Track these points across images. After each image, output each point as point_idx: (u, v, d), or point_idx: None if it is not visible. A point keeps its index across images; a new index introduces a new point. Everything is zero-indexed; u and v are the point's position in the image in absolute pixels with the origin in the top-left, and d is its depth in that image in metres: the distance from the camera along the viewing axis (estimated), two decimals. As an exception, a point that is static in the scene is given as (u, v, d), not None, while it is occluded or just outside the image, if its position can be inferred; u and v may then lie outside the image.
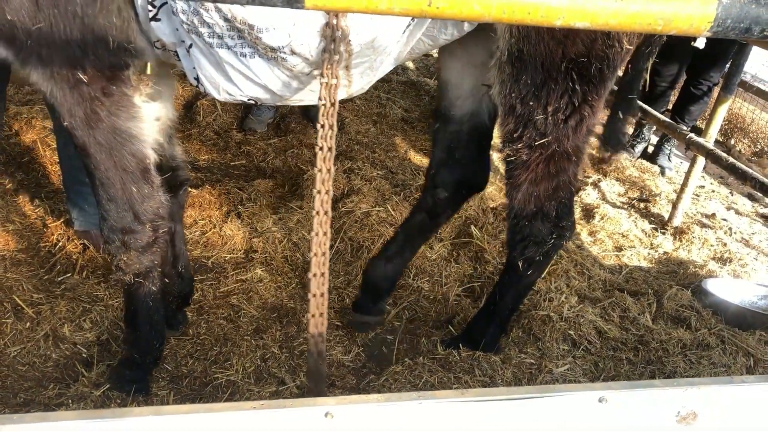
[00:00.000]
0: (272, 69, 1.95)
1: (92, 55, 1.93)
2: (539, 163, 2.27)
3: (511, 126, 2.23)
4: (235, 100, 2.12)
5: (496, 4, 1.04)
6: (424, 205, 2.88)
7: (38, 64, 1.94)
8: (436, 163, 2.77)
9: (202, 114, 4.84)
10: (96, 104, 2.02)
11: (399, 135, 5.32)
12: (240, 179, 4.21)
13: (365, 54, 1.93)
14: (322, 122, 1.80)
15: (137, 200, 2.22)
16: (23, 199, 3.62)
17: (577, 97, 2.12)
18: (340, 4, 1.02)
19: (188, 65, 2.06)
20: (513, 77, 2.11)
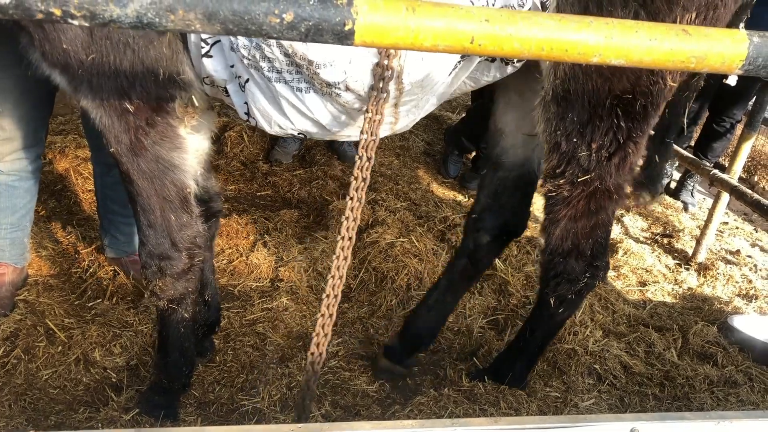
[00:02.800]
0: (325, 104, 2.01)
1: (140, 87, 2.01)
2: (580, 200, 2.28)
3: (554, 162, 2.24)
4: (285, 133, 2.17)
5: (535, 42, 1.09)
6: (465, 250, 2.86)
7: (88, 92, 2.02)
8: (480, 208, 2.77)
9: (230, 145, 4.94)
10: (141, 133, 2.09)
11: (421, 167, 5.39)
12: (266, 209, 4.28)
13: (414, 92, 1.98)
14: (361, 154, 1.85)
15: (175, 228, 2.28)
16: (56, 226, 3.70)
17: (621, 134, 2.14)
18: (388, 41, 1.07)
19: (239, 100, 2.11)
20: (558, 115, 2.14)
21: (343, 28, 1.04)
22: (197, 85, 2.12)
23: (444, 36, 1.07)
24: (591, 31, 1.09)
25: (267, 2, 1.00)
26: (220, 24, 1.01)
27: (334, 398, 2.77)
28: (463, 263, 2.88)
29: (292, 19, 1.02)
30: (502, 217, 2.73)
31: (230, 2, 1.00)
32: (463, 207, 4.69)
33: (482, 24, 1.07)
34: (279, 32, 1.03)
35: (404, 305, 3.46)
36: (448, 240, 4.03)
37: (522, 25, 1.08)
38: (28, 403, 2.53)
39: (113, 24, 0.99)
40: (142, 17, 0.99)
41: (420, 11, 1.05)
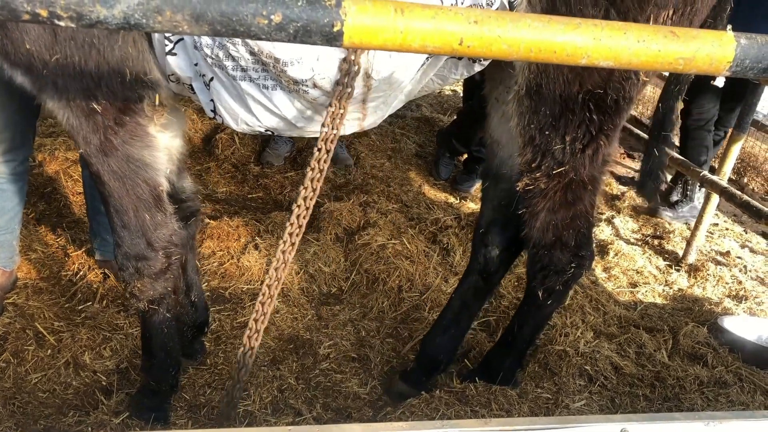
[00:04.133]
0: (293, 101, 2.01)
1: (106, 87, 1.98)
2: (557, 191, 2.31)
3: (529, 156, 2.27)
4: (252, 130, 2.17)
5: (524, 44, 1.09)
6: (475, 267, 2.81)
7: (54, 93, 1.99)
8: (487, 222, 2.74)
9: (221, 147, 4.92)
10: (110, 133, 2.07)
11: (413, 169, 5.38)
12: (257, 211, 4.26)
13: (381, 89, 1.99)
14: (320, 146, 1.85)
15: (150, 227, 2.26)
16: (45, 229, 3.68)
17: (594, 127, 2.17)
18: (376, 42, 1.07)
19: (205, 98, 2.11)
20: (531, 109, 2.17)
21: (332, 29, 1.04)
22: (164, 84, 2.10)
23: (432, 37, 1.07)
24: (579, 33, 1.10)
25: (255, 3, 1.00)
26: (208, 25, 1.01)
27: (325, 401, 2.77)
28: (475, 280, 2.83)
29: (280, 20, 1.02)
30: (509, 229, 2.69)
31: (218, 3, 0.99)
32: (454, 209, 4.69)
33: (471, 26, 1.07)
34: (267, 33, 1.03)
35: (396, 307, 3.46)
36: (439, 242, 4.03)
37: (510, 27, 1.08)
38: (17, 407, 2.51)
39: (100, 25, 0.99)
40: (129, 18, 0.98)
41: (408, 13, 1.05)
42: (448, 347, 2.91)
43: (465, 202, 4.94)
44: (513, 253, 2.81)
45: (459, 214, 4.45)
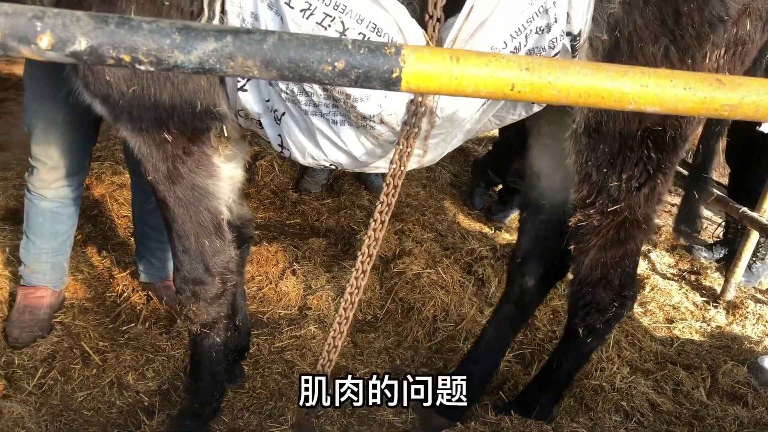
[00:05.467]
0: (359, 137, 2.06)
1: (177, 118, 2.08)
2: (610, 229, 2.32)
3: (584, 192, 2.29)
4: (318, 164, 2.23)
5: (573, 90, 1.14)
6: (511, 296, 2.83)
7: (128, 122, 2.10)
8: (523, 253, 2.76)
9: (261, 174, 5.03)
10: (178, 162, 2.17)
11: (448, 199, 5.43)
12: (295, 237, 4.34)
13: (444, 127, 2.03)
14: (389, 181, 1.90)
15: (209, 253, 2.34)
16: (91, 251, 3.80)
17: (651, 165, 2.19)
18: (432, 88, 1.13)
19: (273, 133, 2.17)
20: (589, 147, 2.20)
21: (391, 75, 1.10)
22: (231, 117, 2.18)
23: (486, 83, 1.12)
24: (627, 80, 1.14)
25: (321, 51, 1.07)
26: (277, 70, 1.08)
27: (360, 428, 2.80)
28: (509, 309, 2.84)
29: (343, 67, 1.08)
30: (546, 260, 2.71)
31: (287, 51, 1.06)
32: (489, 239, 4.71)
33: (522, 72, 1.12)
34: (330, 79, 1.10)
35: (430, 336, 3.48)
36: (474, 272, 4.05)
37: (560, 74, 1.13)
38: (64, 423, 2.59)
39: (177, 69, 1.06)
40: (204, 63, 1.06)
41: (464, 60, 1.11)
42: (482, 377, 2.92)
43: (500, 233, 4.96)
44: (549, 283, 2.83)
45: (494, 245, 4.47)
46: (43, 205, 3.00)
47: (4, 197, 4.06)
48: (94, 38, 1.00)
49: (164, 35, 1.02)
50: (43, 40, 0.98)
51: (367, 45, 1.09)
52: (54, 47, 0.99)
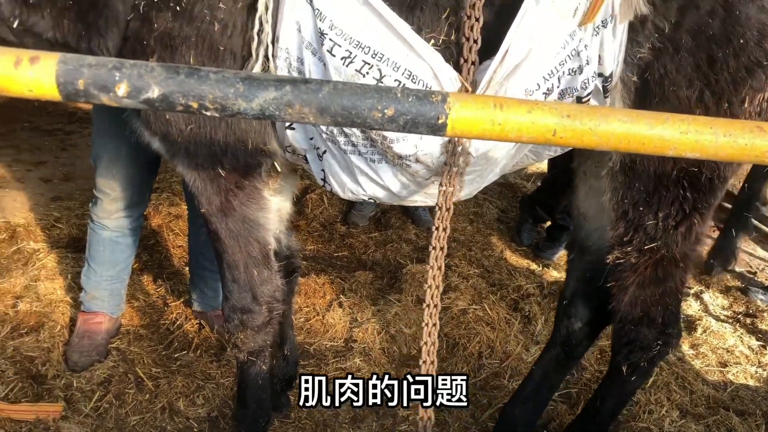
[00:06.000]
0: (396, 174, 2.14)
1: (231, 154, 2.20)
2: (647, 267, 2.32)
3: (621, 230, 2.30)
4: (357, 198, 2.32)
5: (614, 136, 1.18)
6: (558, 339, 2.83)
7: (185, 157, 2.24)
8: (571, 294, 2.76)
9: (311, 207, 5.15)
10: (230, 195, 2.28)
11: (495, 234, 5.43)
12: (342, 270, 4.41)
13: (479, 164, 2.09)
14: (437, 225, 1.96)
15: (257, 283, 2.44)
16: (148, 279, 3.95)
17: (687, 205, 2.19)
18: (476, 133, 1.19)
19: (316, 168, 2.29)
20: (625, 185, 2.22)
21: (437, 121, 1.17)
22: (280, 153, 2.30)
23: (528, 129, 1.18)
24: (666, 127, 1.18)
25: (372, 99, 1.14)
26: (330, 117, 1.16)
27: None
28: (557, 353, 2.83)
29: (392, 113, 1.15)
30: (594, 302, 2.69)
31: (340, 99, 1.14)
32: (536, 276, 4.69)
33: (564, 119, 1.17)
34: (380, 124, 1.17)
35: (475, 373, 3.48)
36: (521, 309, 4.04)
37: (601, 121, 1.17)
38: (117, 446, 2.69)
39: (239, 115, 1.15)
40: (265, 110, 1.14)
41: (507, 108, 1.17)
42: (527, 418, 2.90)
43: (547, 270, 4.93)
44: (597, 326, 2.80)
45: (541, 282, 4.45)
46: (104, 235, 3.16)
47: (67, 226, 4.27)
48: (165, 87, 1.10)
49: (229, 84, 1.11)
50: (120, 88, 1.08)
51: (415, 93, 1.15)
52: (129, 95, 1.09)
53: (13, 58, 1.04)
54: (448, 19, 1.91)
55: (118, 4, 2.09)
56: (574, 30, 1.89)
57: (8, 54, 1.04)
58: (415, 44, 1.86)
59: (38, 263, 3.82)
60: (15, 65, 1.04)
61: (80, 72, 1.06)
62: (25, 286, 3.62)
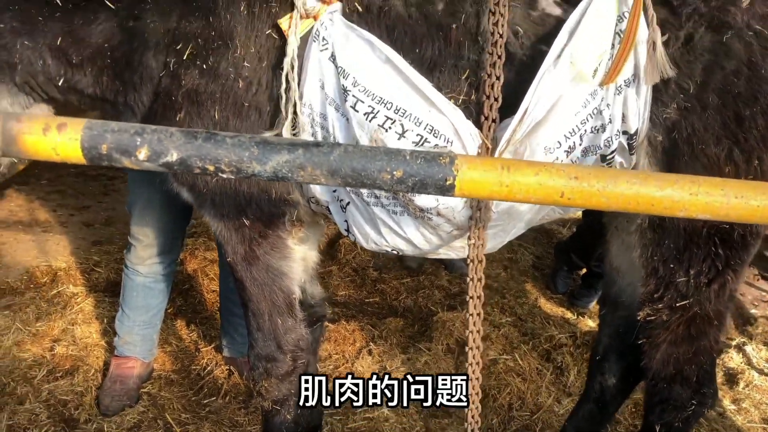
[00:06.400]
0: (418, 227, 2.16)
1: (255, 205, 2.28)
2: (680, 324, 2.27)
3: (652, 287, 2.27)
4: (380, 249, 2.35)
5: (622, 198, 1.18)
6: (591, 394, 2.80)
7: (211, 208, 2.32)
8: (604, 349, 2.74)
9: (343, 252, 5.19)
10: (254, 244, 2.34)
11: (529, 281, 5.37)
12: (373, 316, 4.41)
13: (501, 219, 2.11)
14: (471, 276, 1.97)
15: (281, 332, 2.47)
16: (181, 324, 4.01)
17: (719, 262, 2.15)
18: (484, 194, 1.20)
19: (340, 219, 2.33)
20: (655, 242, 2.20)
21: (445, 183, 1.19)
22: (304, 204, 2.36)
23: (536, 191, 1.19)
24: (676, 189, 1.18)
25: (381, 161, 1.18)
26: (341, 178, 1.19)
27: None
28: (590, 408, 2.80)
29: (401, 175, 1.18)
30: (627, 358, 2.66)
31: (350, 161, 1.18)
32: (571, 325, 4.61)
33: (572, 181, 1.18)
34: (390, 185, 1.19)
35: (505, 425, 3.41)
36: (553, 360, 3.96)
37: (609, 182, 1.18)
38: (144, 492, 2.71)
39: (254, 177, 1.19)
40: (278, 172, 1.18)
41: (514, 170, 1.18)
42: None
43: (582, 319, 4.84)
44: (631, 382, 2.75)
45: (575, 332, 4.37)
46: (138, 280, 3.24)
47: (106, 270, 4.39)
48: (184, 151, 1.15)
49: (244, 148, 1.16)
50: (141, 152, 1.14)
51: (424, 155, 1.18)
52: (149, 159, 1.14)
53: (42, 124, 1.11)
54: (468, 80, 1.95)
55: (151, 62, 2.21)
56: (596, 89, 1.91)
57: (38, 121, 1.11)
58: (437, 100, 1.90)
59: (76, 307, 3.92)
60: (44, 132, 1.10)
61: (104, 137, 1.12)
62: (62, 329, 3.72)
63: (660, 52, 1.86)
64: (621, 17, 1.89)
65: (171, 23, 2.15)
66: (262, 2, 2.06)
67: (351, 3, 2.02)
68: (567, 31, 1.89)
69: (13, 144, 1.11)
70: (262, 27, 2.07)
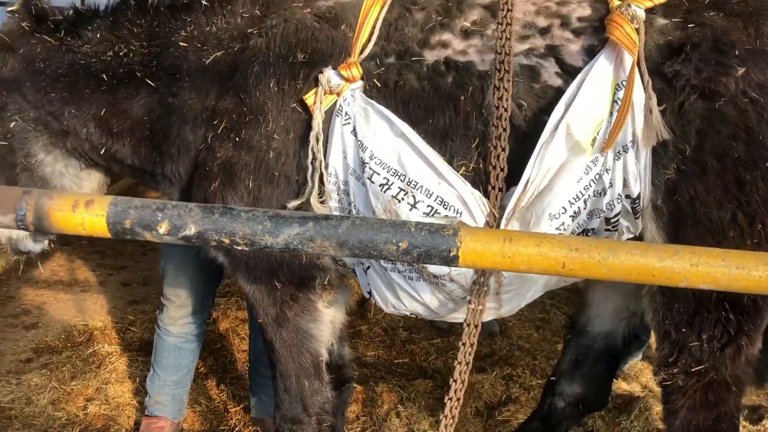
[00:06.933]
0: (433, 291, 2.22)
1: (286, 268, 2.36)
2: (696, 390, 2.24)
3: (666, 351, 2.26)
4: (399, 312, 2.40)
5: (623, 268, 1.21)
6: (539, 413, 2.90)
7: (245, 271, 2.42)
8: (560, 373, 2.84)
9: (373, 311, 5.21)
10: (285, 306, 2.42)
11: (562, 342, 5.28)
12: (402, 378, 4.39)
13: (514, 284, 2.14)
14: (464, 341, 1.99)
15: (307, 394, 2.51)
16: (211, 383, 4.05)
17: (731, 327, 2.12)
18: (487, 264, 1.24)
19: (363, 282, 2.40)
20: (665, 305, 2.20)
21: (449, 253, 1.23)
22: (333, 267, 2.43)
23: (538, 261, 1.23)
24: (676, 260, 1.20)
25: (387, 233, 1.23)
26: (349, 250, 1.25)
27: None
28: (536, 426, 2.88)
29: (406, 246, 1.23)
30: (579, 386, 2.76)
31: (358, 233, 1.23)
32: (603, 388, 4.51)
33: (573, 252, 1.22)
34: (395, 256, 1.25)
35: (535, 492, 3.33)
36: (584, 423, 3.87)
37: (609, 254, 1.21)
38: None
39: (266, 249, 1.26)
40: (289, 245, 1.25)
41: (516, 241, 1.23)
42: None
43: (616, 381, 4.73)
44: (581, 411, 2.87)
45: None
46: (169, 341, 3.31)
47: (140, 329, 4.49)
48: (201, 225, 1.22)
49: (257, 222, 1.23)
50: (162, 227, 1.22)
51: (428, 227, 1.23)
52: (170, 233, 1.22)
53: (71, 201, 1.20)
54: (478, 148, 2.03)
55: (189, 135, 2.36)
56: (596, 156, 1.96)
57: (68, 198, 1.20)
58: (446, 174, 1.99)
59: (110, 366, 4.01)
60: (73, 208, 1.19)
61: (128, 213, 1.21)
62: (96, 388, 3.80)
63: (656, 117, 1.91)
64: (619, 86, 1.96)
65: (208, 100, 2.31)
66: (290, 80, 2.20)
67: (370, 79, 2.15)
68: (564, 102, 1.97)
69: (45, 219, 1.20)
70: (290, 102, 2.21)
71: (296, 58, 2.22)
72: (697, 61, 1.95)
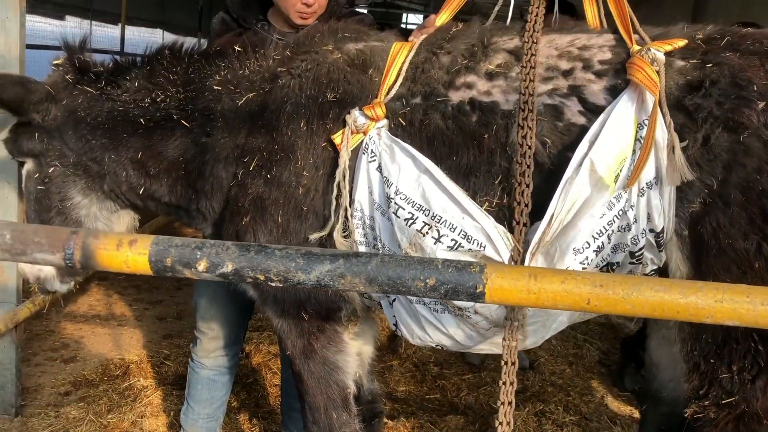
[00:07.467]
0: (458, 323, 2.25)
1: (313, 300, 2.42)
2: (728, 422, 2.20)
3: (696, 382, 2.24)
4: (425, 344, 2.43)
5: (648, 304, 1.23)
6: None
7: (273, 303, 2.49)
8: None
9: (404, 347, 5.21)
10: (312, 338, 2.47)
11: (596, 378, 5.22)
12: (433, 413, 4.37)
13: (538, 316, 2.16)
14: (504, 379, 2.00)
15: (336, 426, 2.54)
16: (243, 418, 4.09)
17: (761, 358, 2.10)
18: (513, 300, 1.28)
19: (389, 314, 2.44)
20: (693, 336, 2.18)
21: (476, 290, 1.27)
22: (359, 299, 2.49)
23: (563, 298, 1.25)
24: (700, 296, 1.22)
25: (415, 270, 1.27)
26: (378, 286, 1.29)
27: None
28: None
29: (434, 283, 1.27)
30: None
31: (386, 270, 1.28)
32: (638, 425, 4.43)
33: (597, 288, 1.24)
34: (423, 293, 1.28)
35: None
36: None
37: (633, 290, 1.23)
38: None
39: (299, 285, 1.31)
40: (321, 281, 1.30)
41: (541, 278, 1.26)
42: None
43: None
44: None
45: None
46: (203, 374, 3.37)
47: (175, 363, 4.56)
48: (238, 263, 1.28)
49: (291, 259, 1.28)
50: (200, 265, 1.28)
51: (455, 264, 1.27)
52: (208, 270, 1.28)
53: (116, 241, 1.27)
54: (501, 184, 2.07)
55: (221, 172, 2.45)
56: (620, 192, 1.99)
57: (113, 238, 1.27)
58: (470, 208, 2.03)
59: (145, 399, 4.08)
60: (117, 247, 1.26)
61: (168, 251, 1.27)
62: (132, 421, 3.86)
63: (679, 156, 1.93)
64: (641, 124, 1.99)
65: (240, 139, 2.41)
66: (318, 119, 2.29)
67: (396, 118, 2.22)
68: (588, 140, 2.01)
69: (91, 258, 1.27)
70: (318, 141, 2.29)
71: (326, 98, 2.30)
72: (718, 96, 1.98)
